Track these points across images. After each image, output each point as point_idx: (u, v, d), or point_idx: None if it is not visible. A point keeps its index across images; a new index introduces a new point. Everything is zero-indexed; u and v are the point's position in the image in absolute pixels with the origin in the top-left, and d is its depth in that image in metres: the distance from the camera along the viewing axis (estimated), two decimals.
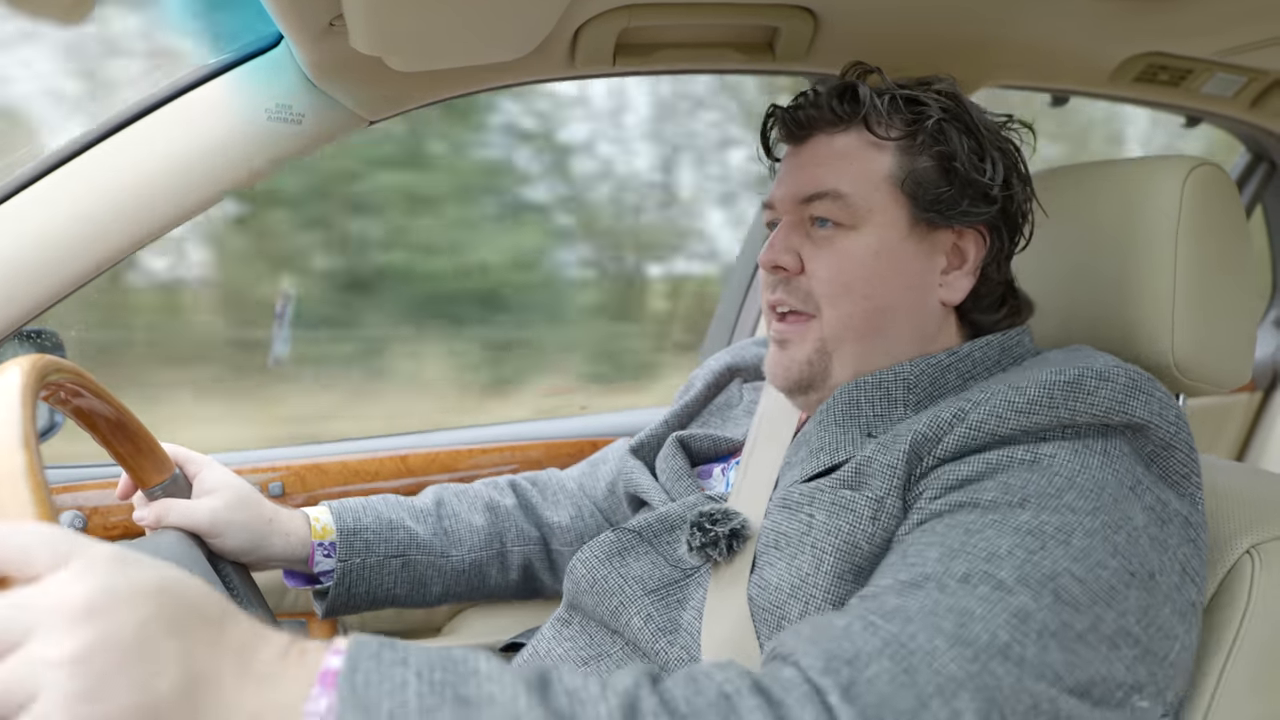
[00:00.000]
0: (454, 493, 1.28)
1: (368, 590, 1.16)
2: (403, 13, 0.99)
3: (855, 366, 1.00)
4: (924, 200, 0.98)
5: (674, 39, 1.32)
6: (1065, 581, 0.70)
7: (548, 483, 1.36)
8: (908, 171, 0.98)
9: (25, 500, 0.55)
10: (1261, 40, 1.45)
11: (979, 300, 1.02)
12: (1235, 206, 1.04)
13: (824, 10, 1.25)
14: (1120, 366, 0.85)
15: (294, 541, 1.11)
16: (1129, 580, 0.73)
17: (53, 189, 1.14)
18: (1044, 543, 0.72)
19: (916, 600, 0.69)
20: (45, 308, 1.17)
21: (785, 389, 1.04)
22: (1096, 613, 0.70)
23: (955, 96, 1.01)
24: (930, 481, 0.83)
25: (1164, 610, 0.75)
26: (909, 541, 0.79)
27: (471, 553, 1.23)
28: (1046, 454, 0.80)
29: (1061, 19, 1.35)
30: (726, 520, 0.94)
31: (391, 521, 1.18)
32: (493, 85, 1.32)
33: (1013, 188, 1.00)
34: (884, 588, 0.73)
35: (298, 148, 1.22)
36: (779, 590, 0.88)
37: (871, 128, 0.99)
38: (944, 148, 0.98)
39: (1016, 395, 0.83)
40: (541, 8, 1.07)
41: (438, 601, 1.23)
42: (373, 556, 1.15)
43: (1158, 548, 0.76)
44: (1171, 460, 0.82)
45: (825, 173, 1.00)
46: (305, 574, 1.16)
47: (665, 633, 0.93)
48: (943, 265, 1.00)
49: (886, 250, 0.98)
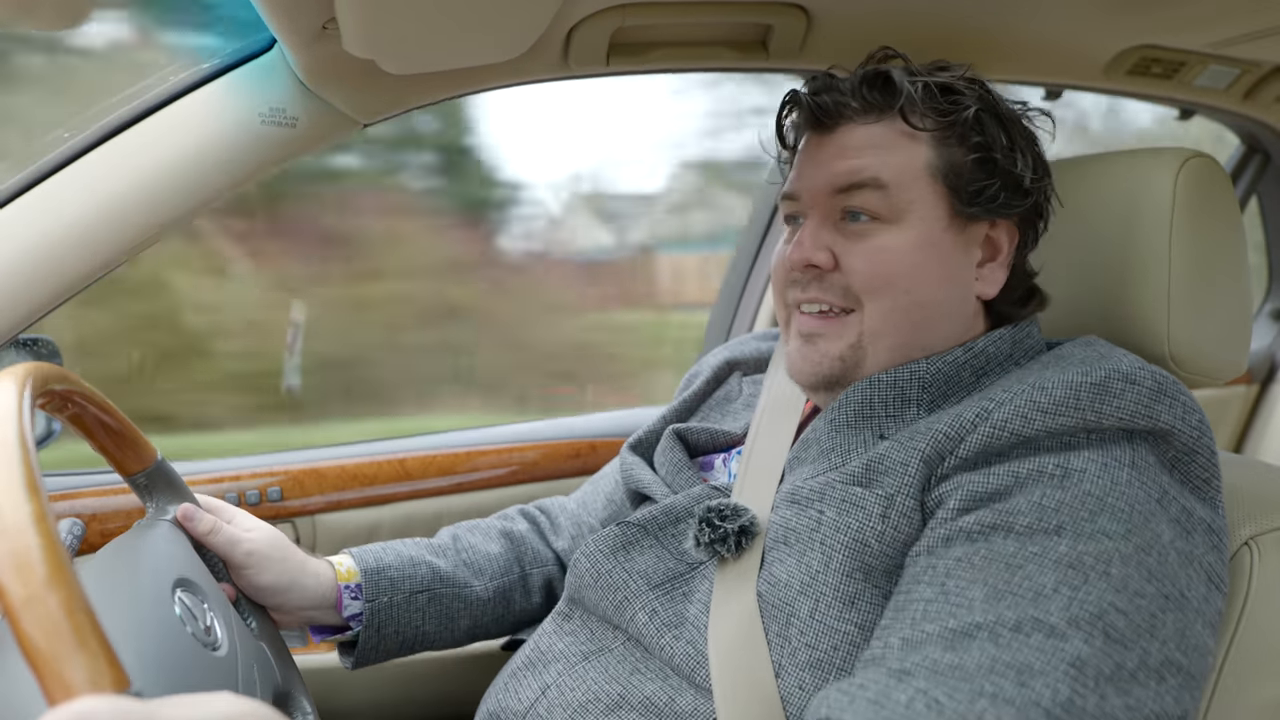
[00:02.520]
0: (467, 528, 1.29)
1: (397, 630, 1.14)
2: (395, 16, 0.99)
3: (889, 361, 0.97)
4: (964, 193, 0.96)
5: (667, 38, 1.32)
6: (1112, 618, 0.70)
7: (551, 508, 1.36)
8: (947, 163, 0.96)
9: (24, 511, 0.55)
10: (1254, 32, 1.45)
11: (1010, 293, 1.01)
12: (1229, 198, 1.04)
13: (817, 7, 1.25)
14: (1145, 369, 0.84)
15: (324, 583, 1.10)
16: (1165, 604, 0.73)
17: (47, 196, 1.14)
18: (1086, 576, 0.72)
19: (973, 657, 0.69)
20: (41, 315, 1.16)
21: (811, 385, 1.02)
22: (1143, 646, 0.70)
23: (985, 85, 0.99)
24: (953, 489, 0.82)
25: (1196, 626, 0.75)
26: (944, 570, 0.77)
27: (494, 580, 1.22)
28: (1076, 468, 0.79)
29: (1054, 13, 1.35)
30: (736, 516, 0.93)
31: (413, 558, 1.17)
32: (486, 87, 1.32)
33: (1042, 179, 1.00)
34: (932, 636, 0.72)
35: (292, 151, 1.22)
36: (789, 587, 0.87)
37: (907, 117, 0.96)
38: (982, 139, 0.96)
39: (1041, 395, 0.82)
40: (534, 9, 1.06)
41: (466, 637, 1.22)
42: (399, 594, 1.14)
43: (1185, 561, 0.76)
44: (1194, 465, 0.82)
45: (864, 163, 0.96)
46: (331, 625, 1.14)
47: (670, 627, 0.92)
48: (978, 258, 0.99)
49: (928, 244, 0.96)
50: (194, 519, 1.00)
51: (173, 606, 0.78)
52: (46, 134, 1.16)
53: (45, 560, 0.53)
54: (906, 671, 0.71)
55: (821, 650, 0.84)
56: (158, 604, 0.76)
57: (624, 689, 0.91)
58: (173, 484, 1.01)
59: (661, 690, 0.90)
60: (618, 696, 0.91)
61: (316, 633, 1.15)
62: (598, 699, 0.92)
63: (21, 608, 0.51)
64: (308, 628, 1.14)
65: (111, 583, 0.76)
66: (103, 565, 0.80)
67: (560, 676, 0.96)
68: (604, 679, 0.93)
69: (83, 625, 0.52)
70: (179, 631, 0.76)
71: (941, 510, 0.82)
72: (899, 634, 0.75)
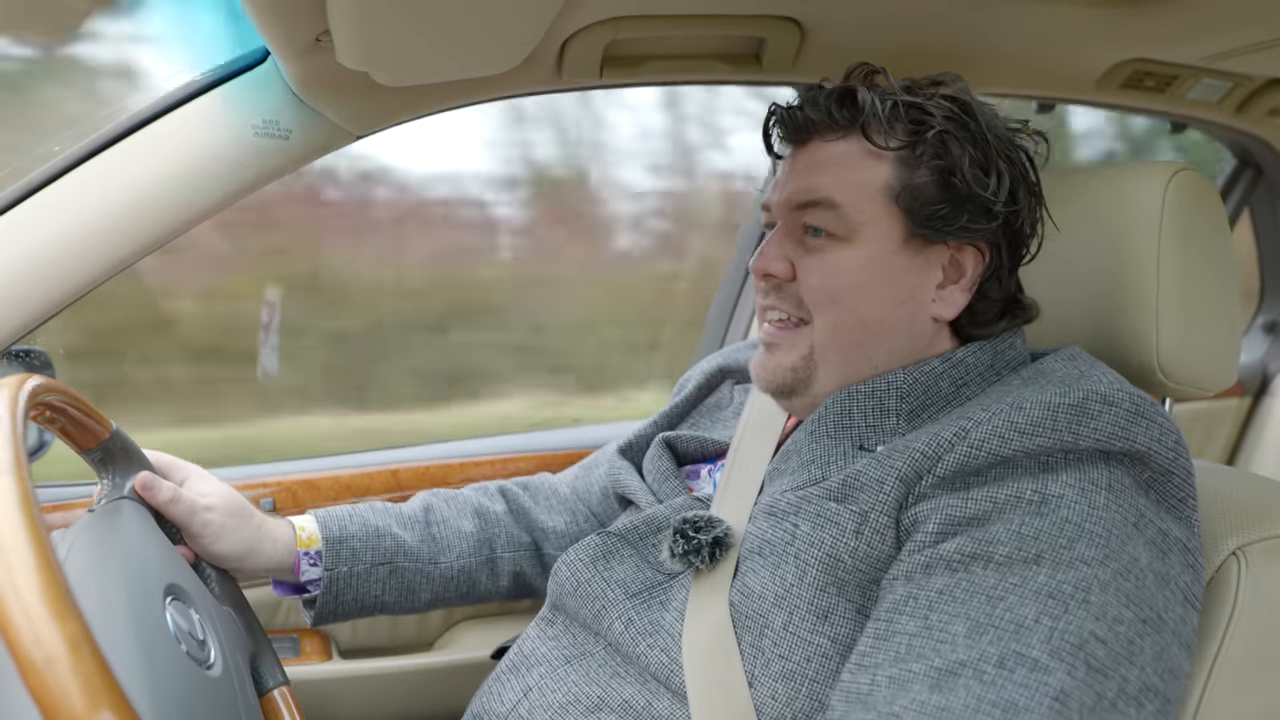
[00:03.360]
0: (443, 499, 1.28)
1: (355, 598, 1.16)
2: (389, 28, 1.00)
3: (840, 376, 0.99)
4: (920, 215, 0.95)
5: (661, 51, 1.32)
6: (1093, 648, 0.71)
7: (539, 487, 1.36)
8: (904, 184, 0.95)
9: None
10: (1246, 46, 1.46)
11: (975, 315, 1.00)
12: (1217, 210, 1.05)
13: (809, 21, 1.26)
14: (1123, 390, 0.84)
15: (281, 548, 1.11)
16: (1143, 629, 0.73)
17: (38, 208, 1.14)
18: (1066, 605, 0.73)
19: (959, 697, 0.70)
20: (33, 327, 1.17)
21: (769, 392, 1.04)
22: (1122, 674, 0.71)
23: (964, 103, 0.97)
24: (930, 511, 0.82)
25: (1173, 649, 0.75)
26: (925, 603, 0.77)
27: (460, 559, 1.23)
28: (1054, 494, 0.79)
29: (1047, 27, 1.36)
30: (710, 528, 0.94)
31: (378, 529, 1.18)
32: (480, 98, 1.32)
33: (1019, 202, 0.97)
34: (918, 676, 0.73)
35: (285, 163, 1.23)
36: (762, 599, 0.88)
37: (870, 136, 0.95)
38: (944, 161, 0.94)
39: (1019, 415, 0.82)
40: (528, 21, 1.07)
41: (427, 607, 1.23)
42: (359, 565, 1.15)
43: (1161, 583, 0.77)
44: (1169, 485, 0.82)
45: (820, 181, 0.97)
46: (293, 583, 1.15)
47: (645, 635, 0.93)
48: (938, 280, 0.98)
49: (877, 264, 0.96)
50: (153, 488, 1.00)
51: (166, 622, 0.78)
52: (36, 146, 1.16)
53: (64, 641, 0.52)
54: (895, 715, 0.71)
55: (794, 662, 0.85)
56: (153, 622, 0.76)
57: (604, 692, 0.92)
58: (129, 454, 1.00)
59: (640, 694, 0.91)
60: (597, 699, 0.92)
61: (278, 586, 1.17)
62: (578, 700, 0.93)
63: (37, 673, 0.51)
64: (271, 581, 1.17)
65: (104, 598, 0.75)
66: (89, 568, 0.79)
67: (542, 679, 0.97)
68: (585, 682, 0.94)
69: (99, 691, 0.51)
70: (175, 652, 0.75)
71: (919, 533, 0.82)
72: (886, 672, 0.75)
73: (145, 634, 0.73)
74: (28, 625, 0.51)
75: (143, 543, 0.90)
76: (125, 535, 0.90)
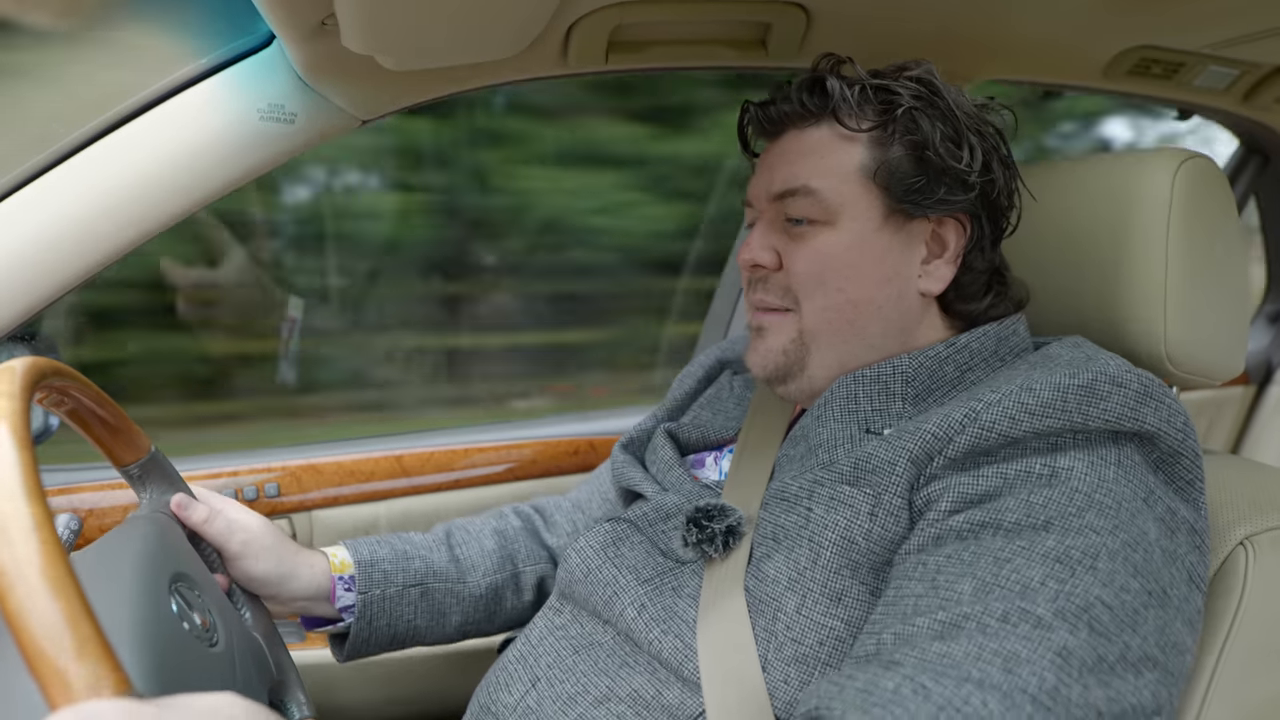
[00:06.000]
0: (461, 524, 1.29)
1: (389, 624, 1.15)
2: (394, 11, 0.99)
3: (836, 358, 1.00)
4: (897, 191, 0.97)
5: (666, 36, 1.32)
6: (1098, 611, 0.71)
7: (546, 506, 1.37)
8: (879, 162, 0.97)
9: (23, 507, 0.55)
10: (1254, 33, 1.45)
11: (961, 289, 1.02)
12: (1226, 198, 1.04)
13: (816, 6, 1.25)
14: (1132, 372, 0.85)
15: (318, 573, 1.11)
16: (1147, 600, 0.73)
17: (44, 192, 1.14)
18: (1073, 570, 0.73)
19: (961, 646, 0.70)
20: (37, 310, 1.16)
21: (765, 379, 1.05)
22: (1125, 640, 0.71)
23: (929, 83, 0.99)
24: (942, 490, 0.83)
25: (1176, 624, 0.75)
26: (934, 566, 0.78)
27: (486, 577, 1.23)
28: (1063, 468, 0.79)
29: (1054, 13, 1.35)
30: (723, 516, 0.94)
31: (407, 552, 1.18)
32: (485, 83, 1.32)
33: (993, 172, 0.99)
34: (922, 629, 0.73)
35: (290, 147, 1.22)
36: (776, 583, 0.88)
37: (841, 120, 0.98)
38: (916, 136, 0.96)
39: (1029, 397, 0.83)
40: (533, 5, 1.07)
41: (457, 634, 1.23)
42: (391, 587, 1.15)
43: (1168, 560, 0.77)
44: (1178, 467, 0.83)
45: (796, 170, 1.00)
46: (324, 617, 1.15)
47: (659, 622, 0.93)
48: (922, 255, 1.00)
49: (860, 243, 0.98)
50: (188, 508, 1.01)
51: (169, 603, 0.78)
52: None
53: (46, 567, 0.53)
54: (895, 662, 0.72)
55: (807, 645, 0.85)
56: (154, 601, 0.76)
57: (612, 682, 0.92)
58: (167, 475, 1.01)
59: (649, 683, 0.91)
60: (606, 689, 0.92)
61: (308, 623, 1.16)
62: (586, 691, 0.93)
63: (22, 614, 0.51)
64: (300, 619, 1.15)
65: (108, 580, 0.76)
66: (99, 559, 0.80)
67: (550, 669, 0.97)
68: (593, 672, 0.94)
69: (83, 631, 0.52)
70: (176, 628, 0.76)
71: (931, 511, 0.82)
72: (891, 629, 0.75)
73: (143, 609, 0.74)
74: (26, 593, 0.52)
75: (160, 537, 0.91)
76: (143, 531, 0.91)
